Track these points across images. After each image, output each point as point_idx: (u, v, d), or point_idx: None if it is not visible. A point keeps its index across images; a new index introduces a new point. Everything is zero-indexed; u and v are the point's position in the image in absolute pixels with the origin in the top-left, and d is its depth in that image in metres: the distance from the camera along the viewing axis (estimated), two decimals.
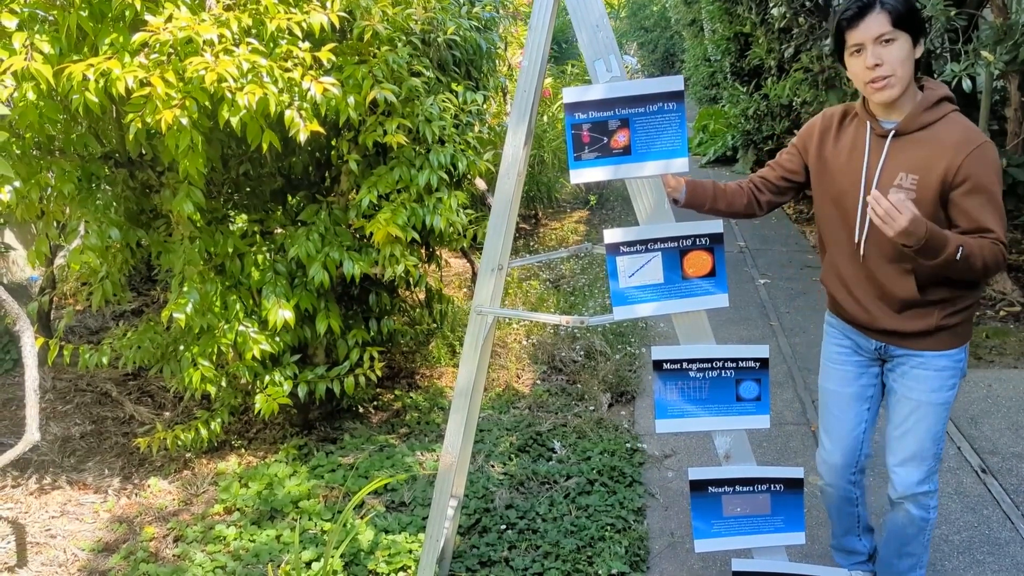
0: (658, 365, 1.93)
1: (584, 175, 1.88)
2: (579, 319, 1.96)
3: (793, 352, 4.09)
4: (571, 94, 1.84)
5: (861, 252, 2.10)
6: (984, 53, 3.65)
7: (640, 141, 1.85)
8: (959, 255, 1.87)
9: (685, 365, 1.93)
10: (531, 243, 6.56)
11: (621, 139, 1.85)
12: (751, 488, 1.99)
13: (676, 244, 1.89)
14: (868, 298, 2.14)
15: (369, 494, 2.88)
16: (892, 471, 2.18)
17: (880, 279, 2.09)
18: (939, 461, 2.18)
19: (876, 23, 1.92)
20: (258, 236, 3.06)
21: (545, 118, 6.50)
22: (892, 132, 2.03)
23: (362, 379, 3.15)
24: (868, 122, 2.08)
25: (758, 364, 1.90)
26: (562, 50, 8.64)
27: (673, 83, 1.82)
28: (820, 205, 2.19)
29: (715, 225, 1.87)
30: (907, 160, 2.02)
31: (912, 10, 1.95)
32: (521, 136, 1.96)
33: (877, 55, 1.94)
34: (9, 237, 4.50)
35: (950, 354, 2.11)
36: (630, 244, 1.89)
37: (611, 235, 1.89)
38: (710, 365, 1.92)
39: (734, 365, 1.91)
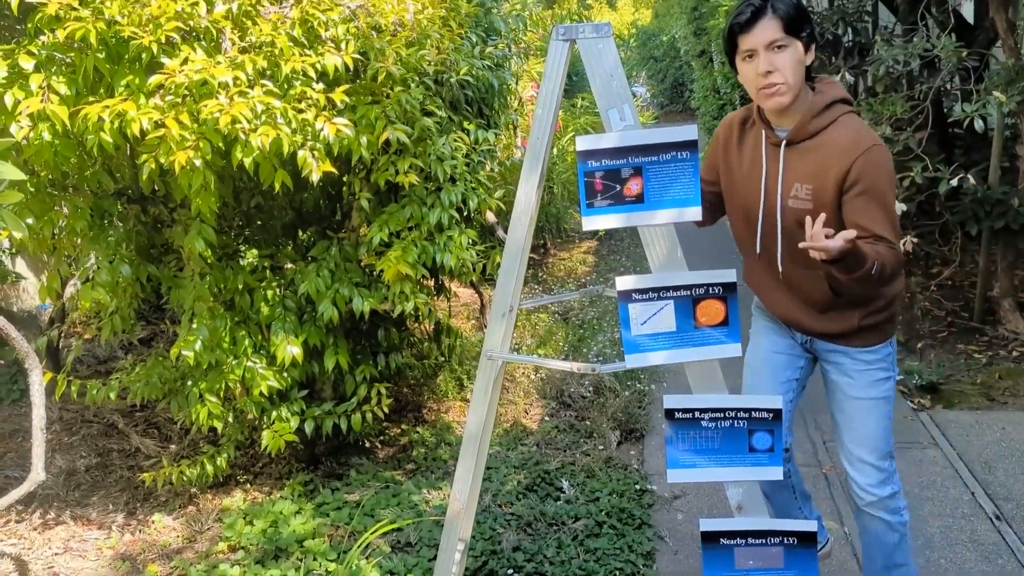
0: (670, 414, 1.91)
1: (597, 222, 1.87)
2: (590, 367, 1.94)
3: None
4: (584, 142, 1.84)
5: (770, 260, 2.10)
6: (996, 93, 3.65)
7: (653, 189, 1.84)
8: (874, 270, 1.86)
9: (697, 415, 1.91)
10: (540, 273, 6.56)
11: (634, 187, 1.85)
12: (764, 541, 1.96)
13: (689, 292, 1.87)
14: (788, 301, 2.15)
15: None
16: (850, 470, 2.16)
17: (796, 284, 2.11)
18: (894, 461, 2.15)
19: (768, 29, 1.91)
20: (268, 271, 3.06)
21: (555, 151, 6.53)
22: (784, 142, 2.02)
23: (369, 415, 3.13)
24: (763, 130, 2.07)
25: (771, 415, 1.88)
26: (572, 83, 8.69)
27: (686, 132, 1.81)
28: (730, 213, 2.18)
29: (728, 274, 1.86)
30: (801, 170, 2.01)
31: (803, 16, 1.95)
32: (534, 182, 1.96)
33: (769, 62, 1.92)
34: (20, 266, 4.52)
35: (875, 349, 2.12)
36: (642, 292, 1.88)
37: (623, 282, 1.88)
38: (723, 415, 1.90)
39: (747, 416, 1.89)
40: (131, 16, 2.07)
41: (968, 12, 5.33)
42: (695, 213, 1.84)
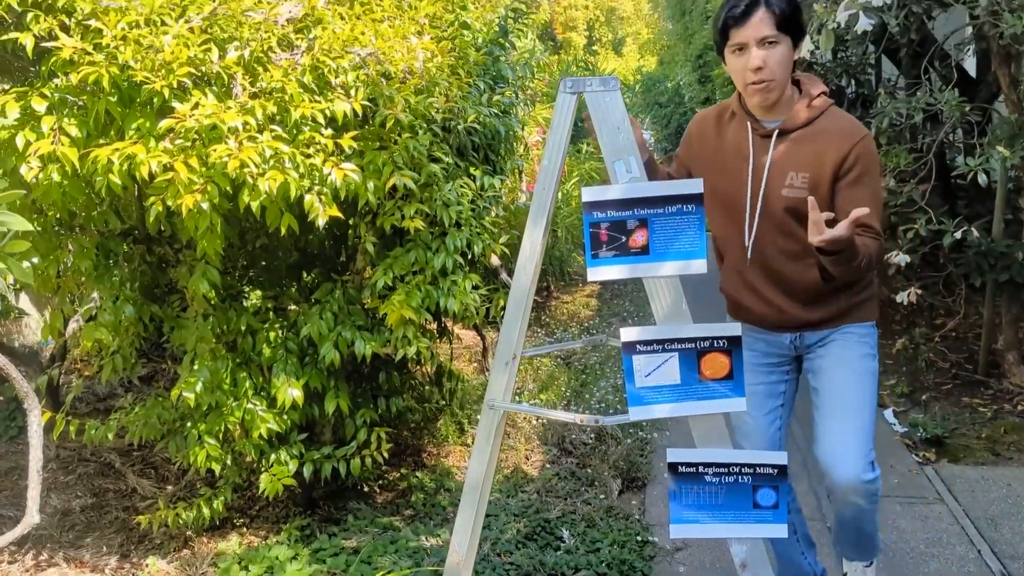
0: (674, 468, 1.89)
1: (601, 273, 1.87)
2: (593, 419, 1.93)
3: (806, 439, 4.03)
4: (590, 193, 1.85)
5: (759, 252, 2.11)
6: (999, 148, 3.67)
7: (658, 241, 1.84)
8: (864, 262, 1.91)
9: (701, 469, 1.89)
10: (543, 317, 6.55)
11: (639, 239, 1.85)
12: None
13: (693, 345, 1.86)
14: (776, 296, 2.14)
15: None
16: (831, 457, 2.05)
17: (784, 276, 2.11)
18: (872, 444, 2.09)
19: (761, 24, 1.92)
20: (271, 313, 3.06)
21: (560, 195, 6.56)
22: (776, 131, 2.02)
23: (369, 460, 3.10)
24: (748, 122, 2.07)
25: (776, 471, 1.86)
26: (578, 128, 8.78)
27: (692, 186, 1.82)
28: (710, 210, 2.14)
29: (733, 328, 1.85)
30: (795, 158, 2.02)
31: (796, 13, 1.96)
32: (539, 231, 1.96)
33: (760, 57, 1.94)
34: (24, 301, 4.52)
35: (862, 325, 2.14)
36: (647, 343, 1.87)
37: (627, 334, 1.87)
38: (727, 470, 1.88)
39: (751, 471, 1.87)
40: (144, 61, 2.09)
41: (971, 66, 5.39)
42: (700, 266, 1.84)
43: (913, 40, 4.56)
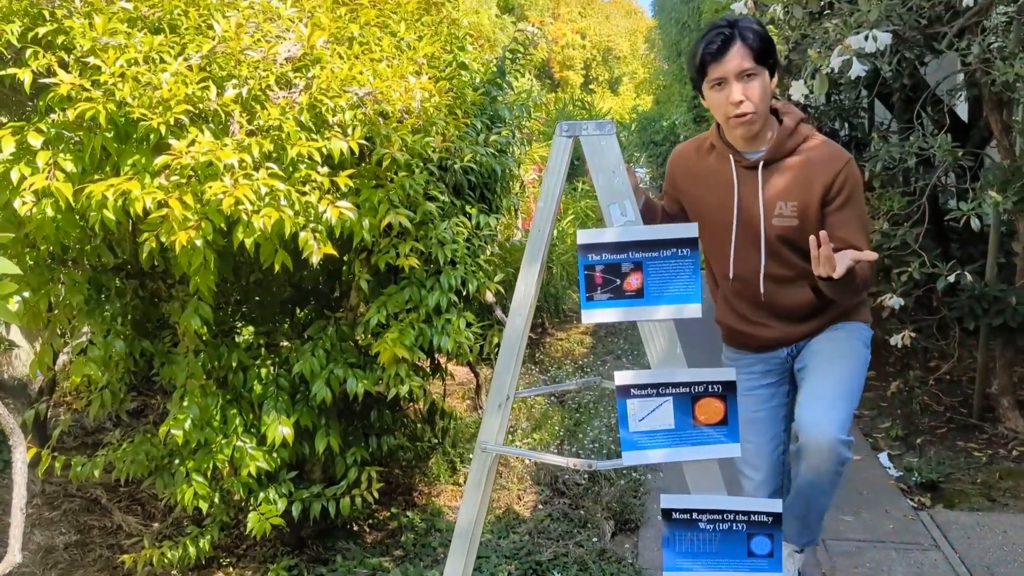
0: (667, 514, 1.87)
1: (596, 315, 1.87)
2: (586, 463, 1.91)
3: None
4: (585, 236, 1.85)
5: (751, 281, 2.13)
6: (992, 193, 3.69)
7: (653, 284, 1.84)
8: (860, 286, 1.97)
9: (695, 516, 1.86)
10: (537, 354, 6.52)
11: (634, 282, 1.84)
12: None
13: (688, 390, 1.85)
14: (772, 320, 2.17)
15: None
16: (809, 414, 2.02)
17: (778, 301, 2.14)
18: (852, 416, 2.09)
19: (738, 58, 1.94)
20: (263, 349, 3.04)
21: (555, 232, 6.58)
22: (761, 162, 2.03)
23: (359, 500, 3.06)
24: (730, 155, 2.08)
25: (771, 519, 1.84)
26: (574, 167, 8.84)
27: (687, 230, 1.82)
28: (702, 241, 2.15)
29: (728, 373, 1.84)
30: (782, 188, 2.03)
31: (770, 46, 1.98)
32: (534, 273, 1.96)
33: (741, 91, 1.95)
34: (14, 332, 4.49)
35: (853, 322, 2.18)
36: (641, 387, 1.86)
37: (622, 377, 1.86)
38: (721, 517, 1.86)
39: (746, 519, 1.84)
40: (142, 98, 2.10)
41: (963, 111, 5.45)
42: (695, 310, 1.83)
43: (906, 85, 4.62)
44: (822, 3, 3.92)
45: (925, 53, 4.09)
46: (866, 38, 3.32)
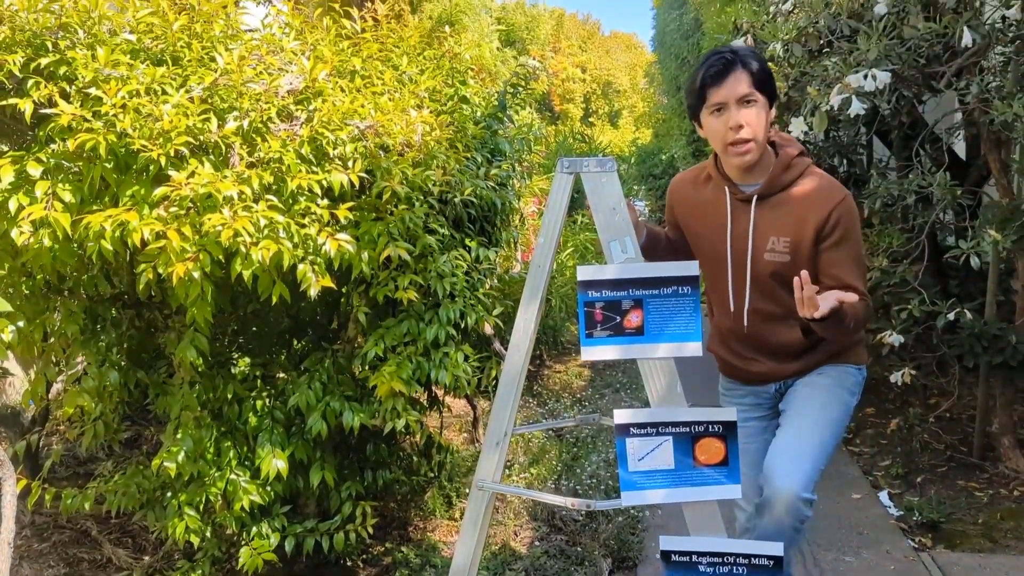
0: (666, 556, 1.84)
1: (596, 353, 1.85)
2: (585, 503, 1.88)
3: None
4: (585, 273, 1.84)
5: (742, 315, 2.09)
6: (991, 232, 3.70)
7: (653, 322, 1.82)
8: (851, 325, 1.91)
9: (695, 558, 1.83)
10: (535, 387, 6.49)
11: (634, 319, 1.83)
12: None
13: (688, 429, 1.83)
14: (760, 355, 2.14)
15: None
16: (777, 467, 1.98)
17: (768, 337, 2.10)
18: (821, 472, 2.02)
19: (739, 83, 1.91)
20: (259, 381, 3.01)
21: (555, 264, 6.58)
22: (755, 196, 2.00)
23: (353, 535, 3.02)
24: (726, 186, 2.05)
25: (772, 563, 1.80)
26: (574, 200, 8.87)
27: (688, 268, 1.81)
28: (701, 270, 2.15)
29: (729, 413, 1.82)
30: (775, 223, 2.00)
31: (769, 74, 1.97)
32: (533, 310, 1.95)
33: (739, 116, 1.91)
34: (9, 359, 4.45)
35: (848, 367, 2.13)
36: (640, 426, 1.84)
37: (621, 416, 1.84)
38: (721, 560, 1.83)
39: (746, 562, 1.81)
40: (142, 129, 2.10)
41: (961, 149, 5.47)
42: (695, 348, 1.82)
43: (904, 123, 4.64)
44: (821, 41, 3.95)
45: (924, 91, 4.11)
46: (865, 77, 3.34)
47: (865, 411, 5.35)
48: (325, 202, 2.41)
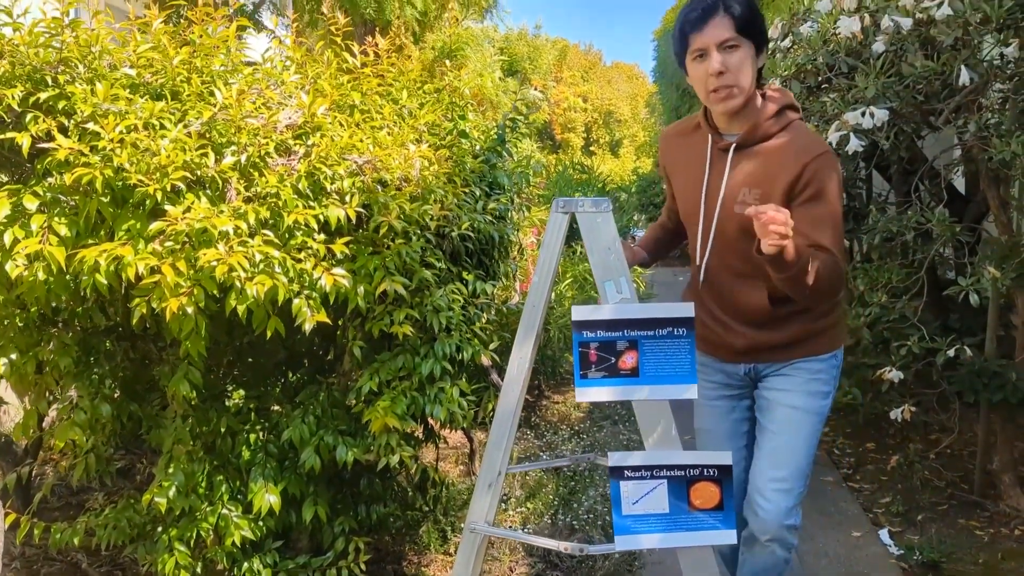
0: None
1: (590, 394, 1.83)
2: (579, 547, 1.86)
3: (800, 562, 3.90)
4: (580, 313, 1.83)
5: (712, 270, 2.04)
6: (990, 269, 3.69)
7: (648, 364, 1.81)
8: (809, 276, 1.80)
9: None
10: (532, 418, 6.45)
11: (629, 360, 1.82)
12: None
13: (683, 473, 1.81)
14: (725, 314, 2.07)
15: None
16: (757, 495, 1.99)
17: (736, 296, 2.03)
18: (806, 489, 2.01)
19: (720, 27, 1.86)
20: (253, 414, 2.99)
21: (553, 296, 6.57)
22: (733, 145, 1.96)
23: (345, 571, 2.98)
24: (710, 135, 2.01)
25: None
26: (573, 229, 8.88)
27: (684, 309, 1.80)
28: (684, 224, 2.13)
29: (724, 456, 1.80)
30: (750, 174, 1.95)
31: (756, 16, 1.90)
32: (527, 348, 1.93)
33: (721, 61, 1.87)
34: (4, 388, 4.43)
35: (823, 358, 2.03)
36: (635, 469, 1.82)
37: (615, 458, 1.82)
38: None
39: None
40: (139, 164, 2.10)
41: (961, 183, 5.48)
42: (691, 391, 1.80)
43: (903, 157, 4.65)
44: (820, 78, 3.98)
45: (922, 127, 4.13)
46: (863, 114, 3.36)
47: (866, 446, 5.31)
48: (322, 236, 2.41)
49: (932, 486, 4.64)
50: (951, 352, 3.94)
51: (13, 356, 2.35)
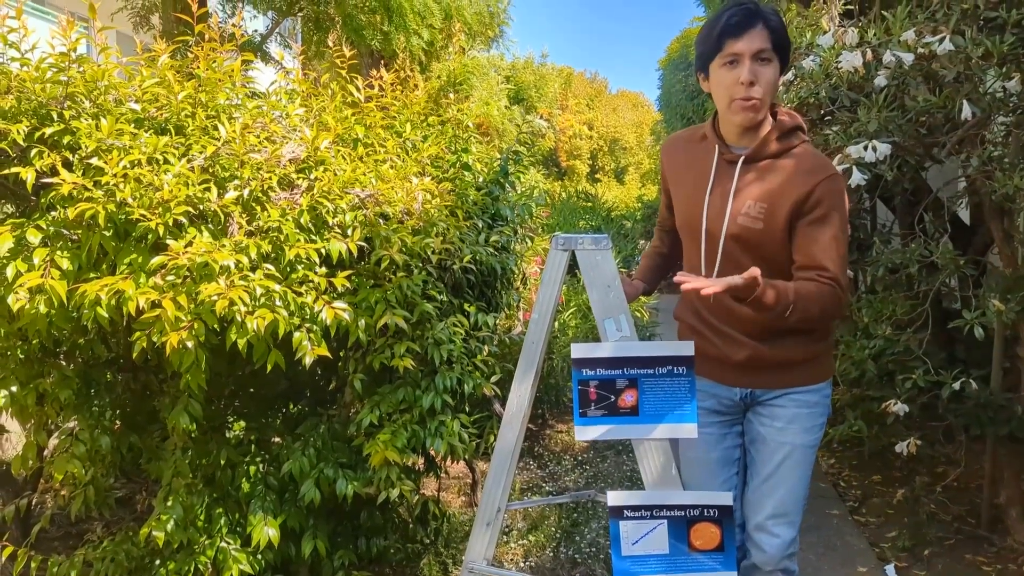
0: None
1: (589, 432, 1.82)
2: None
3: None
4: (579, 350, 1.82)
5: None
6: (995, 302, 3.67)
7: (648, 403, 1.80)
8: (789, 311, 1.78)
9: None
10: (535, 447, 6.41)
11: (628, 399, 1.81)
12: None
13: (683, 513, 1.79)
14: (725, 325, 2.03)
15: None
16: (761, 532, 1.96)
17: (733, 312, 1.98)
18: (800, 517, 1.99)
19: (758, 38, 1.85)
20: (253, 446, 2.98)
21: (557, 324, 6.56)
22: (742, 158, 1.94)
23: None
24: (716, 146, 1.99)
25: None
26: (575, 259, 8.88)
27: (683, 348, 1.80)
28: (680, 234, 2.10)
29: (724, 497, 1.79)
30: (757, 188, 1.93)
31: (787, 37, 1.90)
32: (527, 384, 1.93)
33: (753, 72, 1.85)
34: (5, 415, 4.43)
35: (818, 388, 2.01)
36: (635, 509, 1.80)
37: (615, 498, 1.81)
38: None
39: None
40: (142, 199, 2.11)
41: (966, 214, 5.48)
42: (690, 430, 1.79)
43: (907, 189, 4.65)
44: (822, 111, 3.99)
45: (926, 159, 4.13)
46: (865, 148, 3.36)
47: (872, 479, 5.26)
48: (323, 270, 2.41)
49: (939, 520, 4.59)
50: (957, 385, 3.91)
51: (14, 388, 2.35)
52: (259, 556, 2.79)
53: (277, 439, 3.10)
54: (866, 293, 4.74)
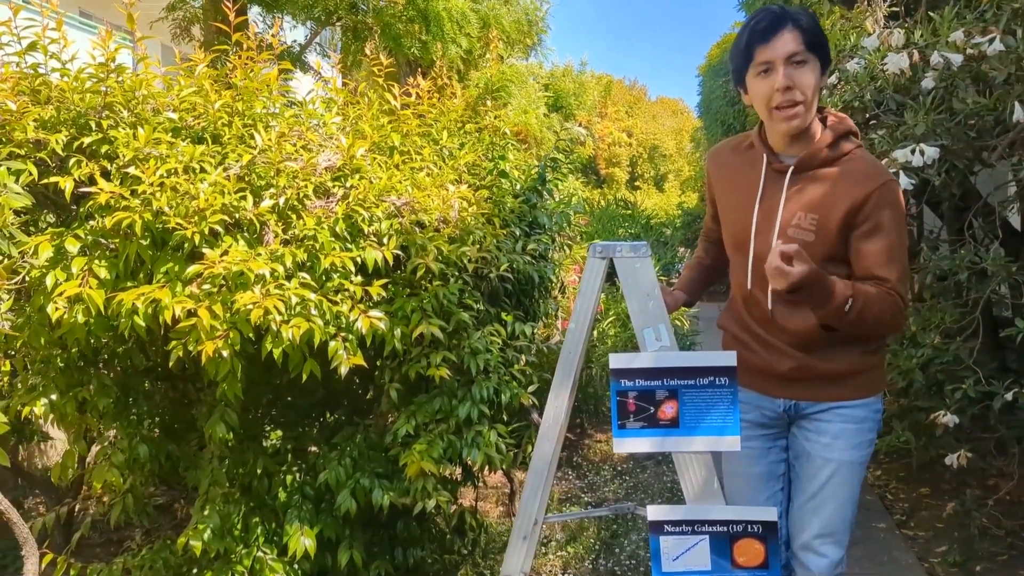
0: None
1: (628, 445, 1.78)
2: None
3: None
4: (618, 361, 1.78)
5: (760, 294, 1.92)
6: None
7: (688, 414, 1.75)
8: (848, 307, 1.72)
9: None
10: (574, 457, 6.35)
11: (668, 410, 1.76)
12: None
13: (726, 529, 1.74)
14: (771, 335, 1.95)
15: None
16: (807, 552, 1.90)
17: (783, 317, 1.91)
18: (849, 533, 1.92)
19: (789, 41, 1.77)
20: (290, 455, 2.98)
21: (596, 333, 6.50)
22: (791, 168, 1.86)
23: None
24: (764, 155, 1.90)
25: None
26: (613, 267, 8.81)
27: (725, 358, 1.74)
28: (726, 246, 2.03)
29: (769, 512, 1.72)
30: (808, 198, 1.84)
31: (822, 35, 1.81)
32: (564, 396, 1.89)
33: (788, 76, 1.77)
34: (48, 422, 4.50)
35: (868, 403, 1.92)
36: (676, 524, 1.75)
37: (655, 512, 1.76)
38: None
39: None
40: (178, 208, 2.11)
41: (1016, 219, 5.31)
42: (733, 443, 1.73)
43: (955, 194, 4.52)
44: (867, 115, 3.89)
45: (975, 164, 4.01)
46: (912, 152, 3.27)
47: (920, 492, 5.12)
48: (359, 278, 2.40)
49: (991, 535, 4.43)
50: (1009, 396, 3.78)
51: (54, 396, 2.37)
52: (295, 566, 2.78)
53: (313, 448, 3.09)
54: (914, 301, 4.61)
